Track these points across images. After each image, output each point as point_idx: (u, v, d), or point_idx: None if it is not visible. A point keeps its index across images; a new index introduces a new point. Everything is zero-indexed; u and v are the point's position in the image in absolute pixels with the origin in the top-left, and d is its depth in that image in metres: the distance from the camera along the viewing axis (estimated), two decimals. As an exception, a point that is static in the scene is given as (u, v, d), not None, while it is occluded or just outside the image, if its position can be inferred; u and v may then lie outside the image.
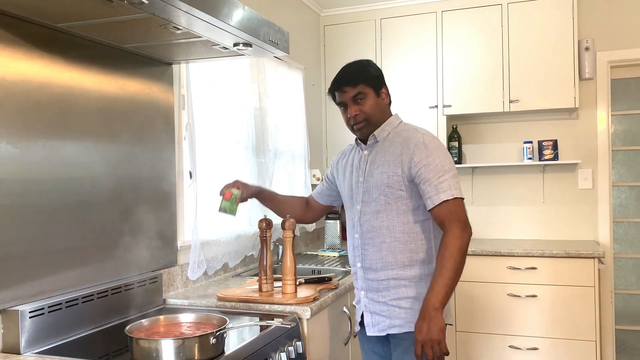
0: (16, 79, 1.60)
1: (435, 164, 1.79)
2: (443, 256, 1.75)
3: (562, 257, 3.28)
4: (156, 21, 1.60)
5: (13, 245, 1.58)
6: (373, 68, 1.97)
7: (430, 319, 1.70)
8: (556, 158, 3.68)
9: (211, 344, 1.47)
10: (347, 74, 1.94)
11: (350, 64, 1.99)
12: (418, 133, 1.89)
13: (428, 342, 1.70)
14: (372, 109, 1.92)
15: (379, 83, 1.95)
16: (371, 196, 1.92)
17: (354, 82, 1.91)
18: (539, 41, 3.54)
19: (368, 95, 1.91)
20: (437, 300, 1.71)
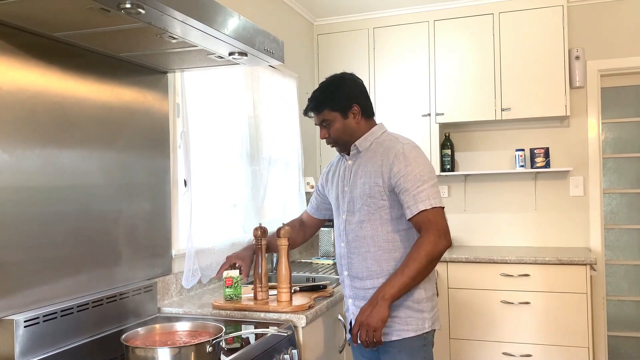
0: (12, 87, 1.60)
1: (414, 174, 1.81)
2: (411, 256, 1.78)
3: (554, 264, 3.30)
4: (152, 30, 1.61)
5: (8, 253, 1.57)
6: (341, 89, 1.97)
7: (375, 305, 1.77)
8: (548, 165, 3.72)
9: (207, 353, 1.47)
10: (313, 98, 1.99)
11: (320, 85, 2.01)
12: (399, 143, 1.91)
13: (365, 325, 1.77)
14: (338, 132, 1.96)
15: (346, 105, 1.95)
16: (355, 206, 1.95)
17: (317, 109, 1.97)
18: (530, 50, 3.59)
19: (334, 121, 1.95)
20: (390, 293, 1.77)
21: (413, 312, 1.88)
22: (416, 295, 1.88)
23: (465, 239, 4.04)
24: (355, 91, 1.99)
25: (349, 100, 1.95)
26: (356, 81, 2.02)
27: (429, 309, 1.90)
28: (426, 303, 1.90)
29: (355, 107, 1.95)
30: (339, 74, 2.04)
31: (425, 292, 1.90)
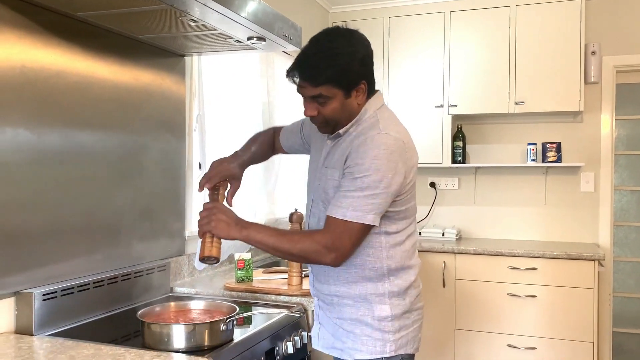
0: (35, 66, 1.63)
1: (357, 173, 1.42)
2: (294, 237, 1.48)
3: (562, 259, 3.31)
4: (174, 13, 1.62)
5: (28, 229, 1.61)
6: (354, 59, 1.46)
7: (236, 224, 1.48)
8: (559, 160, 3.71)
9: (221, 331, 1.50)
10: (308, 63, 1.46)
11: (317, 42, 1.49)
12: (375, 129, 1.48)
13: (207, 218, 1.48)
14: (334, 113, 1.50)
15: (355, 81, 1.48)
16: (318, 198, 1.60)
17: (315, 81, 1.45)
18: (546, 44, 3.57)
19: (332, 98, 1.47)
20: (250, 235, 1.46)
21: (371, 331, 1.52)
22: (377, 311, 1.52)
23: (473, 231, 4.06)
24: (368, 62, 1.52)
25: (359, 77, 1.48)
26: (369, 47, 1.53)
27: (394, 330, 1.52)
28: (391, 322, 1.52)
29: (363, 84, 1.50)
30: (347, 31, 1.52)
31: (392, 309, 1.52)
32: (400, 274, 1.54)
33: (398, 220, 1.53)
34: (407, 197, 1.53)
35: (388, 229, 1.51)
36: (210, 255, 1.45)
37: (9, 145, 1.55)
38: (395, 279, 1.54)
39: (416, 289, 1.61)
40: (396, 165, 1.44)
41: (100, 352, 1.40)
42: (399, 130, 1.50)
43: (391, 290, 1.53)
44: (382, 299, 1.52)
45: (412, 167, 1.52)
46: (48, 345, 1.47)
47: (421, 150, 3.77)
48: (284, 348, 1.73)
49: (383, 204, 1.44)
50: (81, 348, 1.43)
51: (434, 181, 4.13)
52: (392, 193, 1.44)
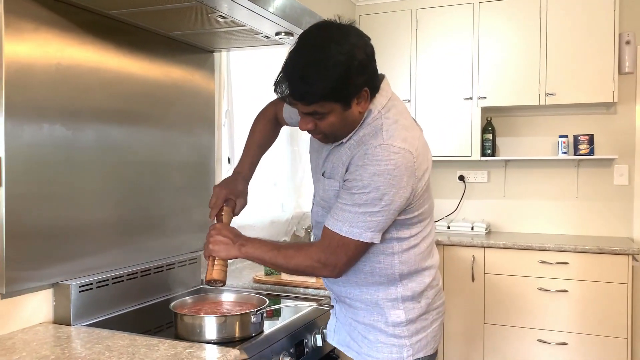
0: (70, 63, 1.67)
1: (358, 187, 1.32)
2: (289, 252, 1.43)
3: (594, 253, 3.25)
4: (203, 9, 1.65)
5: (65, 223, 1.66)
6: (345, 65, 1.26)
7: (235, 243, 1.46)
8: (592, 153, 3.64)
9: (251, 322, 1.53)
10: (296, 78, 1.29)
11: (307, 48, 1.30)
12: (379, 138, 1.33)
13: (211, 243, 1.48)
14: (334, 126, 1.35)
15: (353, 90, 1.30)
16: (317, 203, 1.54)
17: (306, 100, 1.30)
18: (578, 33, 3.49)
19: (329, 113, 1.32)
20: (249, 252, 1.44)
21: (385, 337, 1.46)
22: (391, 317, 1.46)
23: (503, 225, 4.01)
24: (368, 64, 1.33)
25: (359, 85, 1.31)
26: (367, 45, 1.34)
27: (410, 334, 1.46)
28: (406, 327, 1.46)
29: (365, 91, 1.34)
30: (339, 32, 1.31)
31: (406, 314, 1.46)
32: (414, 277, 1.47)
33: (412, 225, 1.43)
34: (420, 202, 1.42)
35: (400, 234, 1.42)
36: (212, 278, 1.47)
37: (46, 141, 1.60)
38: (409, 282, 1.46)
39: (434, 289, 1.52)
40: (400, 181, 1.31)
41: (134, 342, 1.44)
42: (405, 137, 1.34)
43: (404, 294, 1.45)
44: (395, 304, 1.46)
45: (423, 173, 1.38)
46: (85, 335, 1.51)
47: (450, 143, 3.81)
48: (312, 340, 1.75)
49: (383, 221, 1.34)
50: (116, 338, 1.47)
51: (463, 174, 4.10)
52: (396, 209, 1.34)
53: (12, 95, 1.49)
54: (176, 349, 1.38)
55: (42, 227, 1.58)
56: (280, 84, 1.32)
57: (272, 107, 1.81)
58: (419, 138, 1.41)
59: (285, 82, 1.31)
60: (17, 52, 1.50)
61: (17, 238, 1.51)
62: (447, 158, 3.85)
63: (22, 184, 1.52)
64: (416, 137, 1.39)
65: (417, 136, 1.40)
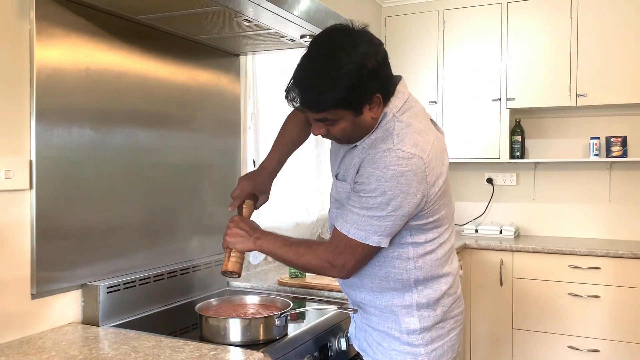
0: (99, 68, 1.70)
1: (365, 190, 1.31)
2: (300, 249, 1.42)
3: (628, 258, 3.16)
4: (228, 13, 1.66)
5: (93, 225, 1.69)
6: (355, 72, 1.26)
7: (251, 236, 1.46)
8: (625, 155, 3.54)
9: (275, 325, 1.53)
10: (306, 87, 1.30)
11: (316, 56, 1.31)
12: (389, 142, 1.31)
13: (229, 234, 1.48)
14: (346, 132, 1.36)
15: (364, 97, 1.30)
16: (332, 203, 1.54)
17: (316, 108, 1.31)
18: (610, 33, 3.41)
19: (340, 120, 1.33)
20: (263, 245, 1.45)
21: (399, 345, 1.43)
22: (405, 324, 1.43)
23: (533, 229, 3.93)
24: (380, 70, 1.31)
25: (370, 92, 1.30)
26: (379, 50, 1.32)
27: (424, 343, 1.43)
28: (420, 335, 1.42)
29: (377, 97, 1.33)
30: (350, 38, 1.29)
31: (421, 322, 1.43)
32: (430, 284, 1.43)
33: (427, 230, 1.40)
34: (435, 208, 1.38)
35: (416, 239, 1.40)
36: (227, 270, 1.48)
37: (76, 144, 1.63)
38: (424, 289, 1.43)
39: (451, 297, 1.48)
40: (408, 187, 1.28)
41: (160, 343, 1.46)
42: (416, 142, 1.31)
43: (419, 301, 1.42)
44: (410, 311, 1.43)
45: (436, 179, 1.34)
46: (112, 336, 1.54)
47: (478, 145, 3.76)
48: (337, 344, 1.74)
49: (391, 226, 1.32)
50: (143, 339, 1.49)
51: (491, 177, 4.04)
52: (404, 215, 1.32)
53: (43, 100, 1.53)
54: (201, 351, 1.39)
55: (71, 228, 1.62)
56: (291, 91, 1.33)
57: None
58: (433, 143, 1.36)
59: (296, 90, 1.32)
60: (48, 57, 1.54)
61: (48, 239, 1.54)
62: (475, 160, 3.80)
63: (52, 186, 1.56)
64: (429, 141, 1.35)
65: (431, 141, 1.36)
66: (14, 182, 1.47)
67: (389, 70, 1.36)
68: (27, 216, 1.51)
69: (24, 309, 1.50)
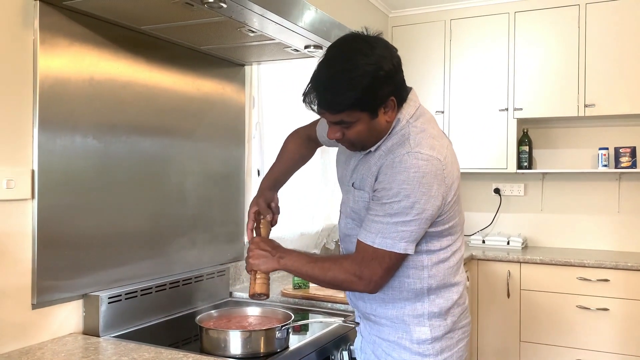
0: (103, 78, 1.70)
1: (386, 197, 1.31)
2: (325, 265, 1.41)
3: (637, 270, 3.11)
4: (232, 24, 1.66)
5: (95, 234, 1.68)
6: (377, 80, 1.29)
7: (274, 256, 1.45)
8: (634, 166, 3.50)
9: (276, 338, 1.51)
10: (323, 89, 1.32)
11: (334, 60, 1.33)
12: (407, 146, 1.33)
13: (251, 257, 1.47)
14: (361, 135, 1.37)
15: (380, 99, 1.32)
16: (347, 214, 1.52)
17: (333, 109, 1.32)
18: (618, 43, 3.38)
19: (357, 122, 1.34)
20: (287, 264, 1.43)
21: (410, 355, 1.43)
22: (416, 334, 1.42)
23: (540, 240, 3.89)
24: (395, 75, 1.33)
25: (385, 95, 1.32)
26: (394, 55, 1.34)
27: (435, 353, 1.42)
28: (431, 345, 1.42)
29: (392, 100, 1.35)
30: (366, 43, 1.32)
31: (432, 331, 1.42)
32: (442, 292, 1.43)
33: (442, 237, 1.41)
34: (450, 215, 1.39)
35: (431, 247, 1.40)
36: (255, 292, 1.46)
37: (79, 153, 1.63)
38: (436, 297, 1.43)
39: (460, 307, 1.48)
40: (429, 189, 1.29)
41: (160, 355, 1.44)
42: (433, 145, 1.33)
43: (431, 310, 1.42)
44: (421, 321, 1.42)
45: (452, 182, 1.36)
46: (112, 347, 1.53)
47: (485, 155, 3.73)
48: (339, 357, 1.72)
49: (417, 231, 1.32)
50: (142, 351, 1.48)
51: (499, 187, 4.00)
52: (428, 218, 1.32)
53: (46, 109, 1.53)
54: (200, 364, 1.38)
55: (73, 238, 1.61)
56: (309, 94, 1.35)
57: (304, 129, 1.84)
58: (447, 147, 1.39)
59: (313, 92, 1.33)
60: (51, 66, 1.54)
61: (49, 249, 1.54)
62: (482, 170, 3.77)
63: (54, 195, 1.56)
64: (444, 145, 1.38)
65: (445, 145, 1.39)
66: (15, 191, 1.47)
67: (403, 76, 1.39)
68: (29, 226, 1.51)
69: (25, 319, 1.50)
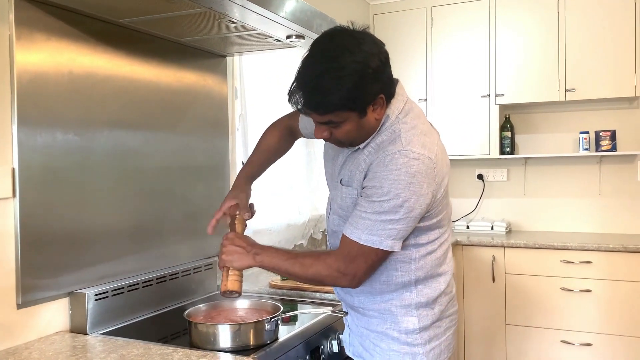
0: (82, 72, 1.68)
1: (378, 194, 1.29)
2: (306, 261, 1.39)
3: (619, 252, 3.17)
4: (213, 15, 1.64)
5: (79, 231, 1.67)
6: (359, 73, 1.24)
7: (249, 252, 1.43)
8: (614, 149, 3.55)
9: (265, 330, 1.51)
10: (310, 89, 1.27)
11: (320, 58, 1.27)
12: (398, 144, 1.31)
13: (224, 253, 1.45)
14: (350, 134, 1.34)
15: (368, 97, 1.29)
16: (334, 211, 1.51)
17: (320, 110, 1.29)
18: (598, 27, 3.42)
19: (345, 122, 1.31)
20: (264, 260, 1.42)
21: (398, 345, 1.43)
22: (404, 324, 1.42)
23: (524, 224, 3.94)
24: (383, 71, 1.30)
25: (374, 93, 1.29)
26: (382, 51, 1.31)
27: (423, 342, 1.43)
28: (419, 334, 1.42)
29: (381, 98, 1.32)
30: (352, 39, 1.27)
31: (420, 321, 1.43)
32: (429, 283, 1.44)
33: (430, 231, 1.41)
34: (439, 209, 1.40)
35: (419, 240, 1.40)
36: (227, 289, 1.43)
37: (60, 149, 1.60)
38: (423, 288, 1.43)
39: (447, 296, 1.49)
40: (420, 188, 1.29)
41: (149, 351, 1.44)
42: (424, 143, 1.32)
43: (419, 301, 1.43)
44: (409, 311, 1.43)
45: (442, 179, 1.36)
46: (100, 344, 1.52)
47: (468, 142, 3.75)
48: (328, 347, 1.73)
49: (404, 229, 1.32)
50: (131, 347, 1.47)
51: (482, 173, 4.04)
52: (416, 216, 1.32)
53: (25, 105, 1.50)
54: (190, 358, 1.38)
55: (56, 235, 1.59)
56: (295, 94, 1.30)
57: (286, 119, 1.80)
58: (437, 143, 1.38)
59: (300, 92, 1.29)
60: (29, 62, 1.51)
61: (32, 247, 1.52)
62: (465, 157, 3.80)
63: (36, 193, 1.53)
64: (434, 142, 1.37)
65: (435, 141, 1.38)
66: (-4, 190, 1.44)
67: (391, 71, 1.35)
68: (11, 225, 1.48)
69: (10, 319, 1.48)
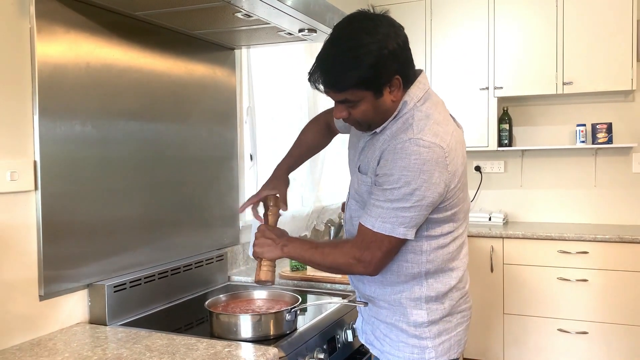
0: (99, 64, 1.68)
1: (389, 182, 1.31)
2: (326, 250, 1.44)
3: (615, 242, 3.24)
4: (230, 9, 1.65)
5: (97, 222, 1.68)
6: (376, 53, 1.28)
7: (278, 244, 1.49)
8: (610, 141, 3.61)
9: (286, 320, 1.54)
10: (328, 67, 1.32)
11: (338, 39, 1.33)
12: (409, 132, 1.32)
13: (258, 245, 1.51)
14: (367, 114, 1.37)
15: (384, 78, 1.31)
16: (352, 196, 1.54)
17: (337, 88, 1.33)
18: (596, 21, 3.46)
19: (361, 101, 1.34)
20: (291, 252, 1.48)
21: (406, 337, 1.45)
22: (413, 317, 1.44)
23: (521, 215, 4.00)
24: (400, 53, 1.32)
25: (390, 73, 1.32)
26: (400, 33, 1.34)
27: (432, 336, 1.44)
28: (428, 328, 1.44)
29: (397, 79, 1.34)
30: (371, 22, 1.33)
31: (429, 315, 1.44)
32: (439, 277, 1.44)
33: (444, 224, 1.41)
34: (454, 202, 1.39)
35: (432, 232, 1.40)
36: (260, 279, 1.50)
37: (78, 141, 1.61)
38: (434, 282, 1.44)
39: (459, 291, 1.49)
40: (431, 176, 1.29)
41: (173, 342, 1.46)
42: (436, 132, 1.32)
43: (428, 294, 1.43)
44: (418, 304, 1.44)
45: (456, 169, 1.36)
46: (123, 335, 1.53)
47: (466, 134, 3.72)
48: (344, 336, 1.76)
49: (417, 217, 1.32)
50: (155, 338, 1.49)
51: (480, 165, 4.09)
52: (428, 205, 1.32)
53: (46, 98, 1.51)
54: (215, 348, 1.40)
55: (76, 227, 1.60)
56: (314, 74, 1.35)
57: (324, 115, 1.85)
58: (452, 134, 1.37)
59: (318, 72, 1.33)
60: (49, 54, 1.51)
61: (54, 239, 1.53)
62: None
63: (57, 186, 1.54)
64: (448, 132, 1.36)
65: (450, 132, 1.37)
66: (19, 183, 1.45)
67: (410, 55, 1.37)
68: (33, 217, 1.49)
69: (33, 311, 1.49)
